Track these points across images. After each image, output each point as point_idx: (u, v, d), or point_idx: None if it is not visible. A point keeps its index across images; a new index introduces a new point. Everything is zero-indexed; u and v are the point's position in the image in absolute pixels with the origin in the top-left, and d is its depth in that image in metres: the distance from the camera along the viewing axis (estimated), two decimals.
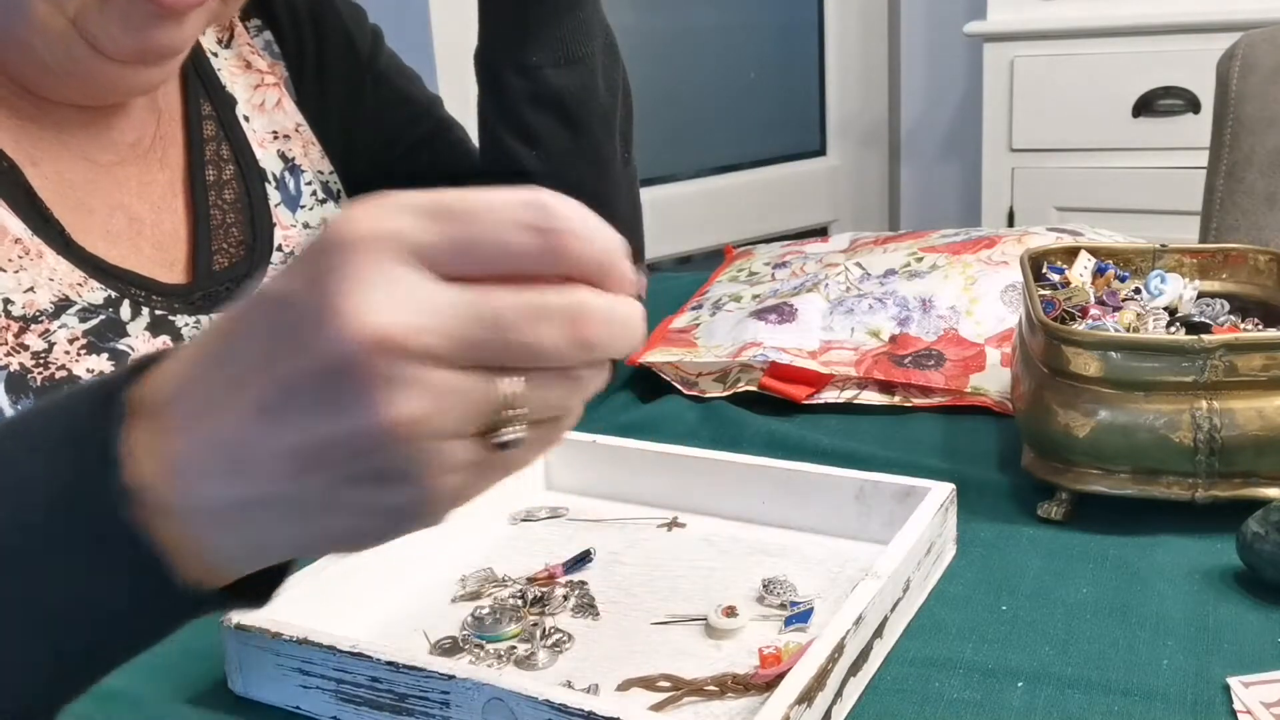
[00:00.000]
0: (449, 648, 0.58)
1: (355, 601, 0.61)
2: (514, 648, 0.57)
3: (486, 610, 0.60)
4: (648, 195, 2.57)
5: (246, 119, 0.83)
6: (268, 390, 0.37)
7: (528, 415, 0.37)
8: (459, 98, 0.93)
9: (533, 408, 0.37)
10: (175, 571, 0.39)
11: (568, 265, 0.37)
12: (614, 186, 0.88)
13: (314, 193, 0.85)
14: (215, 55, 0.84)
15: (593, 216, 0.37)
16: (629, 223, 0.91)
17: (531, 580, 0.64)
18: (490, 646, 0.58)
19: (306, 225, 0.84)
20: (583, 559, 0.66)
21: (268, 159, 0.84)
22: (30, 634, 0.40)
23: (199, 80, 0.82)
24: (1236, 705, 0.51)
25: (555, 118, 0.85)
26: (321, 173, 0.87)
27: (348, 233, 0.35)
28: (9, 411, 0.63)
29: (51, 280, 0.68)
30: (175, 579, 0.39)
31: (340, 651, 0.52)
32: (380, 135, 0.91)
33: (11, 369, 0.64)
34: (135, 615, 0.41)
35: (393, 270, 0.35)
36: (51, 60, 0.69)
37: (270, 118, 0.85)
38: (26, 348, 0.65)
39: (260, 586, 0.42)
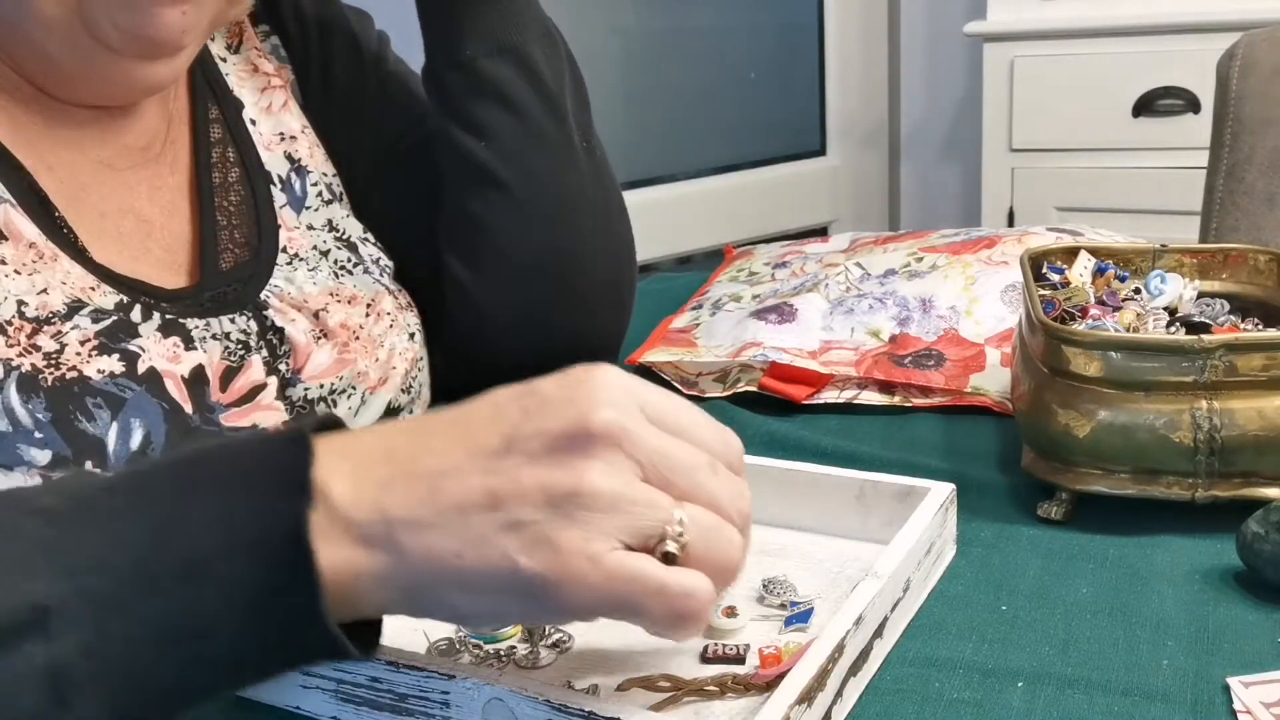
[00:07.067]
0: (445, 649, 0.58)
1: None
2: (514, 648, 0.57)
3: None
4: (648, 195, 2.57)
5: (253, 122, 0.84)
6: (494, 438, 0.45)
7: (686, 540, 0.45)
8: None
9: (692, 538, 0.46)
10: (327, 609, 0.44)
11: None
12: (578, 175, 0.88)
13: (319, 194, 0.86)
14: (224, 60, 0.84)
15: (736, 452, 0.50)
16: (601, 209, 0.90)
17: None
18: (489, 647, 0.58)
19: (310, 227, 0.84)
20: None
21: (274, 161, 0.84)
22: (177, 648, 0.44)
23: (207, 86, 0.83)
24: (1236, 705, 0.51)
25: (498, 106, 0.86)
26: (326, 174, 0.87)
27: (600, 371, 0.46)
28: (19, 411, 0.63)
29: (64, 284, 0.68)
30: (326, 615, 0.44)
31: None
32: (384, 137, 0.91)
33: (23, 369, 0.64)
34: (280, 644, 0.45)
35: (629, 399, 0.46)
36: (58, 55, 0.69)
37: (277, 119, 0.85)
38: (39, 348, 0.65)
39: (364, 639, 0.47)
